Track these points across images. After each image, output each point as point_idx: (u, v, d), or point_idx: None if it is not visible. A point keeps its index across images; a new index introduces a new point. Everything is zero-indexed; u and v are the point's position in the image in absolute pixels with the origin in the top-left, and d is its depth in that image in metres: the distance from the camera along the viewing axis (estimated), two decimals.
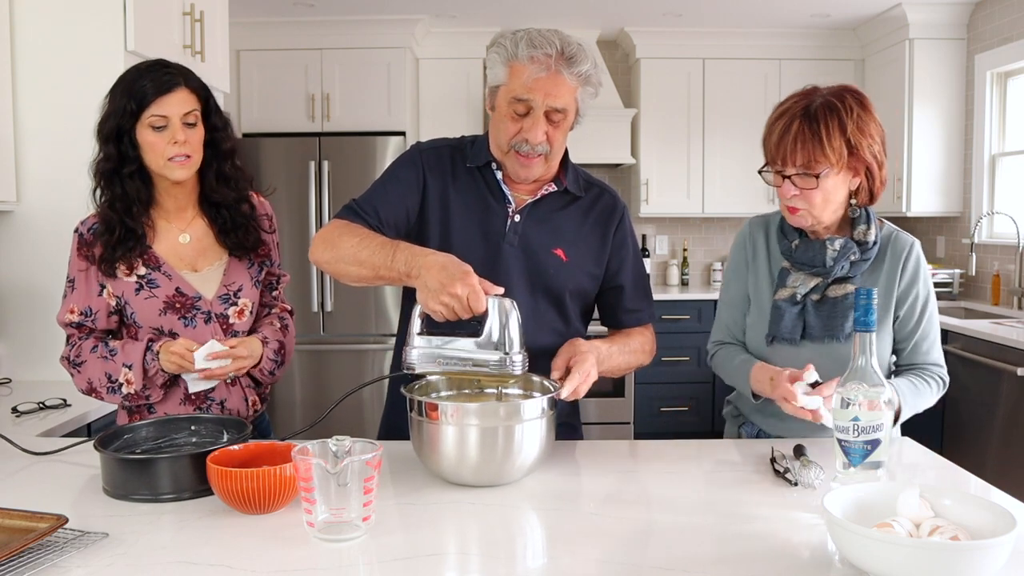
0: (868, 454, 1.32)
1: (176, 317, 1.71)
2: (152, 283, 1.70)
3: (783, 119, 1.55)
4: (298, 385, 4.55)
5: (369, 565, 1.08)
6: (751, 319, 1.74)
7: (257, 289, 1.81)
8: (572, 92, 1.57)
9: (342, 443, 1.16)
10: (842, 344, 1.61)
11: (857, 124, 1.54)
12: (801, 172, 1.54)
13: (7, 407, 2.03)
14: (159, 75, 1.64)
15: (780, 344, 1.66)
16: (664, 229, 5.53)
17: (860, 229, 1.63)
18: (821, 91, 1.58)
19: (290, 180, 4.52)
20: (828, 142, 1.52)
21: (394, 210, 1.64)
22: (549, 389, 1.46)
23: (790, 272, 1.67)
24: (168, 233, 1.74)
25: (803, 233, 1.67)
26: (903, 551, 0.96)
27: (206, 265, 1.75)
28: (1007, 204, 4.33)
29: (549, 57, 1.53)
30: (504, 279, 1.62)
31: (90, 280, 1.71)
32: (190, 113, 1.65)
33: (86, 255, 1.70)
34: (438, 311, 1.36)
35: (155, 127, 1.63)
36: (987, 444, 3.43)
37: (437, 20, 4.82)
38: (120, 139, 1.64)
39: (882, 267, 1.66)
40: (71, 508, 1.25)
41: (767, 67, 5.05)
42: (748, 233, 1.78)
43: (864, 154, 1.55)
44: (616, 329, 1.79)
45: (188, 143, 1.65)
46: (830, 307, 1.63)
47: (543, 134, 1.57)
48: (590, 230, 1.71)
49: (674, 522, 1.23)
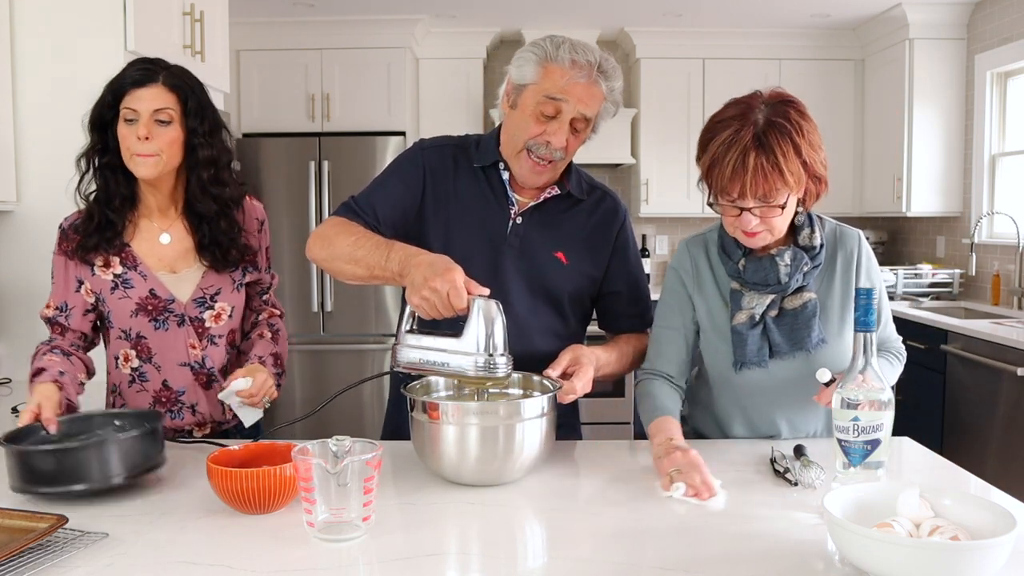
0: (868, 454, 1.32)
1: (147, 320, 1.68)
2: (127, 283, 1.67)
3: (734, 151, 1.42)
4: (298, 385, 4.55)
5: (369, 565, 1.08)
6: (708, 347, 1.65)
7: (240, 293, 1.76)
8: (600, 103, 1.58)
9: (342, 443, 1.16)
10: (811, 354, 1.56)
11: (807, 140, 1.45)
12: (760, 204, 1.45)
13: (7, 407, 2.03)
14: (138, 68, 1.61)
15: (749, 368, 1.59)
16: (664, 229, 5.52)
17: (804, 234, 1.57)
18: (758, 106, 1.46)
19: (290, 180, 4.52)
20: (787, 168, 1.42)
21: (392, 209, 1.64)
22: (549, 389, 1.46)
23: (743, 293, 1.58)
24: (149, 232, 1.70)
25: (747, 250, 1.58)
26: (903, 551, 0.96)
27: (185, 267, 1.71)
28: (1007, 204, 4.33)
29: (591, 65, 1.54)
30: (504, 280, 1.63)
31: (68, 276, 1.68)
32: (163, 111, 1.59)
33: (65, 250, 1.67)
34: (420, 306, 1.37)
35: (126, 120, 1.59)
36: (987, 444, 3.43)
37: (437, 20, 4.82)
38: (104, 129, 1.62)
39: (834, 270, 1.60)
40: (71, 508, 1.25)
41: (767, 67, 5.05)
42: (688, 256, 1.66)
43: (816, 168, 1.47)
44: (614, 333, 1.79)
45: (154, 141, 1.58)
46: (791, 320, 1.56)
47: (564, 140, 1.57)
48: (591, 234, 1.71)
49: (673, 522, 1.23)
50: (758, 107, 1.46)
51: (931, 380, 3.79)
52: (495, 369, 1.35)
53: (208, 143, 1.66)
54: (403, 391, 1.44)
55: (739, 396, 1.66)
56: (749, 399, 1.65)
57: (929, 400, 3.82)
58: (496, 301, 1.36)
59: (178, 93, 1.62)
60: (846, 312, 1.59)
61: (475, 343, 1.34)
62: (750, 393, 1.64)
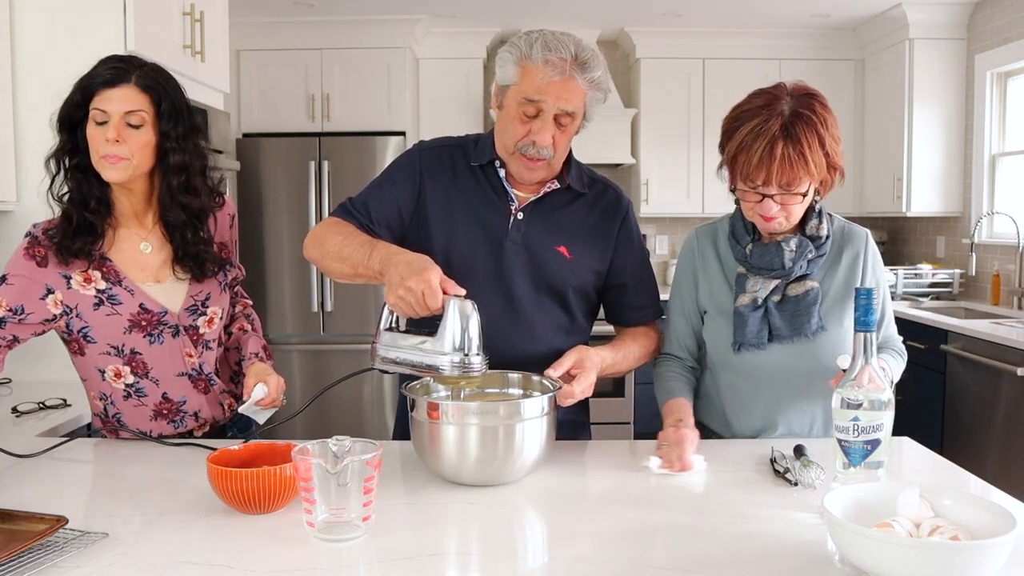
0: (868, 454, 1.32)
1: (141, 336, 1.62)
2: (113, 299, 1.59)
3: (762, 139, 1.49)
4: (297, 385, 4.54)
5: (369, 565, 1.08)
6: (710, 329, 1.71)
7: (226, 293, 1.74)
8: (582, 96, 1.56)
9: (342, 443, 1.16)
10: (810, 340, 1.61)
11: (830, 132, 1.52)
12: (783, 191, 1.52)
13: (7, 407, 2.03)
14: (109, 67, 1.53)
15: (747, 350, 1.64)
16: (664, 229, 5.53)
17: (812, 224, 1.63)
18: (784, 97, 1.53)
19: (290, 180, 4.51)
20: (812, 159, 1.49)
21: (386, 209, 1.65)
22: (549, 388, 1.46)
23: (748, 277, 1.65)
24: (128, 241, 1.63)
25: (755, 236, 1.66)
26: (903, 551, 0.96)
27: (168, 276, 1.65)
28: (1007, 204, 4.33)
29: (564, 61, 1.52)
30: (507, 277, 1.63)
31: (35, 281, 1.57)
32: (134, 113, 1.51)
33: (34, 255, 1.57)
34: (397, 305, 1.38)
35: (96, 121, 1.51)
36: (987, 444, 3.43)
37: (437, 20, 4.82)
38: (73, 129, 1.54)
39: (839, 263, 1.66)
40: (71, 508, 1.25)
41: (767, 67, 5.05)
42: (696, 243, 1.75)
43: (836, 159, 1.54)
44: (621, 326, 1.79)
45: (123, 144, 1.51)
46: (793, 306, 1.62)
47: (550, 137, 1.56)
48: (593, 227, 1.71)
49: (674, 522, 1.23)
50: (784, 98, 1.53)
51: (931, 380, 3.79)
52: (469, 368, 1.36)
53: (180, 147, 1.57)
54: (403, 391, 1.45)
55: (737, 380, 1.68)
56: (747, 383, 1.68)
57: (929, 400, 3.82)
58: (471, 301, 1.37)
59: (151, 94, 1.54)
60: (847, 304, 1.63)
61: (451, 342, 1.35)
62: (748, 376, 1.67)
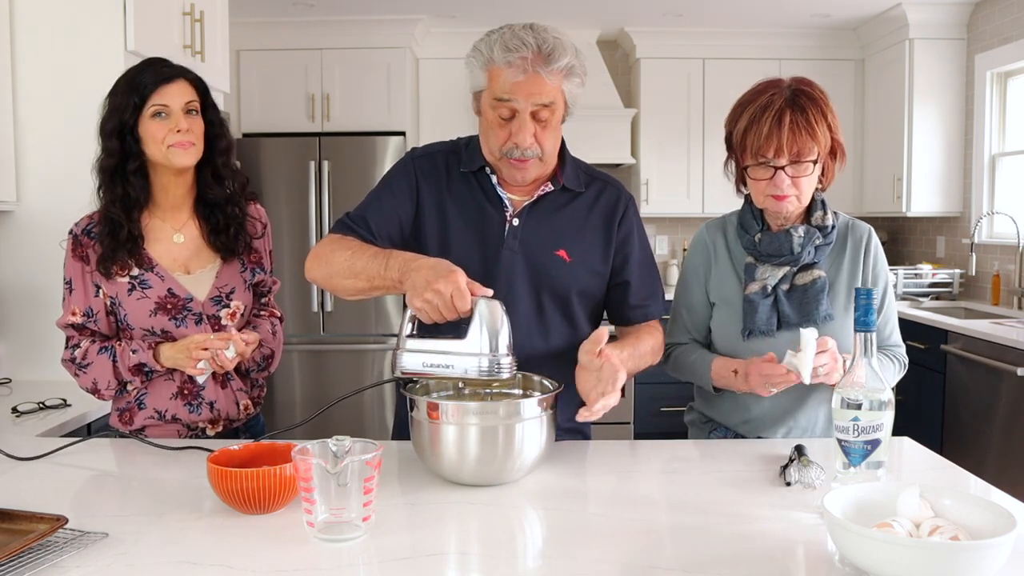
0: (868, 454, 1.32)
1: (167, 318, 1.71)
2: (144, 284, 1.71)
3: (769, 112, 1.59)
4: (297, 385, 4.55)
5: (369, 565, 1.08)
6: (719, 319, 1.74)
7: (250, 293, 1.82)
8: (556, 87, 1.53)
9: (342, 443, 1.16)
10: (819, 327, 1.62)
11: (831, 109, 1.63)
12: (793, 161, 1.59)
13: (7, 407, 2.03)
14: (158, 68, 1.68)
15: (757, 337, 1.67)
16: (664, 229, 5.52)
17: (817, 215, 1.70)
18: (784, 83, 1.65)
19: (290, 180, 4.52)
20: (818, 127, 1.58)
21: (386, 221, 1.61)
22: (549, 388, 1.46)
23: (757, 265, 1.70)
24: (162, 233, 1.75)
25: (764, 226, 1.72)
26: (903, 551, 0.96)
27: (199, 268, 1.76)
28: (1007, 204, 4.33)
29: (525, 60, 1.50)
30: (505, 285, 1.59)
31: (87, 281, 1.72)
32: (190, 103, 1.69)
33: (81, 255, 1.71)
34: (422, 309, 1.34)
35: (157, 115, 1.65)
36: (987, 444, 3.43)
37: (437, 20, 4.82)
38: (123, 135, 1.66)
39: (844, 254, 1.72)
40: (71, 508, 1.25)
41: (767, 67, 5.00)
42: (707, 236, 1.81)
43: (838, 136, 1.64)
44: (623, 325, 1.74)
45: (191, 131, 1.67)
46: (801, 294, 1.67)
47: (531, 137, 1.53)
48: (593, 227, 1.67)
49: (674, 522, 1.23)
50: (784, 83, 1.65)
51: (931, 380, 3.80)
52: (500, 370, 1.34)
53: (223, 133, 1.77)
54: (403, 391, 1.44)
55: None
56: None
57: (929, 400, 3.82)
58: (500, 302, 1.35)
59: (197, 87, 1.73)
60: (848, 300, 1.67)
61: (479, 344, 1.33)
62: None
